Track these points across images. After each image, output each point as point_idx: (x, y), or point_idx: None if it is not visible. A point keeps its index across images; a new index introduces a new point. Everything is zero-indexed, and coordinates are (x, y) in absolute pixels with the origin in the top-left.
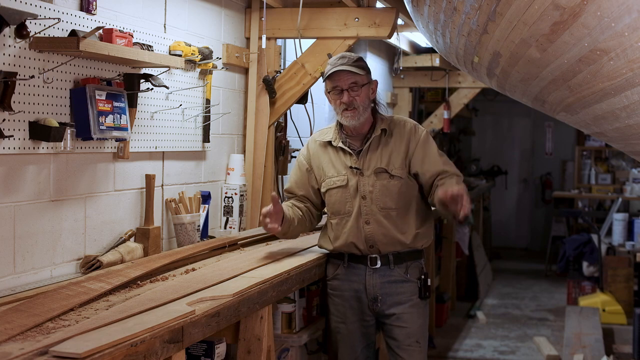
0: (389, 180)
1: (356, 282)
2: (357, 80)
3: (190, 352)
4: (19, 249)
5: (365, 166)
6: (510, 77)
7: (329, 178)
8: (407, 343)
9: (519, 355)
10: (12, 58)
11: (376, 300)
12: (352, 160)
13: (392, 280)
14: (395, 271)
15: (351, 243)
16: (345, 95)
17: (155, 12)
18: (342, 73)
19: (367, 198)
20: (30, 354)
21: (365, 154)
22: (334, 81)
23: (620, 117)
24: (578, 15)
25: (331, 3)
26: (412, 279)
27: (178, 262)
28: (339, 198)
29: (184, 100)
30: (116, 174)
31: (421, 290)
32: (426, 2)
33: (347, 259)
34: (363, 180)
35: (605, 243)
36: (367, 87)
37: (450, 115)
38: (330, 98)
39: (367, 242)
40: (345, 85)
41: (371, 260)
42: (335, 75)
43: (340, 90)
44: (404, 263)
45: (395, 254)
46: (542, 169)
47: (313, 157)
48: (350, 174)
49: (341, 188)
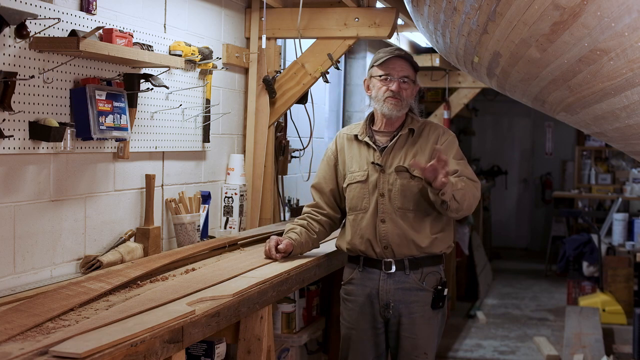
0: (409, 181)
1: (370, 287)
2: (410, 75)
3: (190, 352)
4: (19, 249)
5: (387, 163)
6: (510, 77)
7: (351, 173)
8: (414, 354)
9: (519, 355)
10: (12, 58)
11: (388, 306)
12: (376, 156)
13: (406, 288)
14: (411, 277)
15: (367, 241)
16: (395, 84)
17: (155, 12)
18: (398, 62)
19: (385, 196)
20: (30, 354)
21: (389, 152)
22: (387, 68)
23: (620, 117)
24: (578, 15)
25: (331, 3)
26: (427, 288)
27: (178, 262)
28: (357, 193)
29: (184, 100)
30: (116, 174)
31: (435, 300)
32: (426, 2)
33: (363, 263)
34: (383, 178)
35: (605, 243)
36: (413, 86)
37: (450, 115)
38: (372, 84)
39: (381, 242)
40: (398, 75)
41: (386, 265)
42: (391, 63)
43: (390, 78)
44: (420, 269)
45: (410, 258)
46: (542, 169)
47: (340, 152)
48: (371, 169)
49: (360, 183)
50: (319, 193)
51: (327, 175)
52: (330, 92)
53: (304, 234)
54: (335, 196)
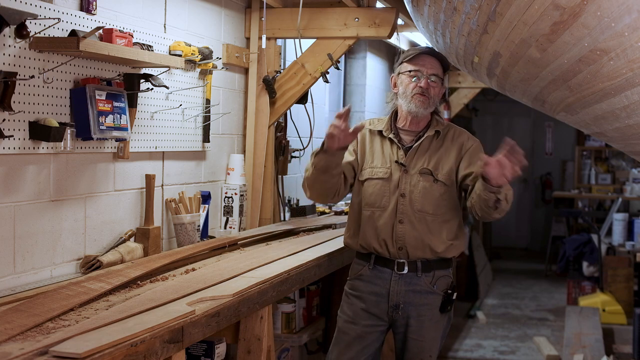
0: (432, 184)
1: (379, 286)
2: (439, 73)
3: (190, 352)
4: (19, 249)
5: (411, 164)
6: (510, 77)
7: (372, 168)
8: (420, 357)
9: (519, 355)
10: (12, 58)
11: (397, 307)
12: (400, 155)
13: (417, 290)
14: (422, 280)
15: (383, 241)
16: (424, 81)
17: (155, 12)
18: (429, 59)
19: (406, 197)
20: (30, 354)
21: (414, 152)
22: (418, 64)
23: (620, 117)
24: (578, 15)
25: (331, 3)
26: (438, 292)
27: (178, 262)
28: (378, 190)
29: (184, 100)
30: (116, 174)
31: (444, 304)
32: (426, 2)
33: (374, 261)
34: (406, 178)
35: (605, 243)
36: (441, 86)
37: (450, 115)
38: (400, 80)
39: (397, 243)
40: (427, 72)
41: (398, 266)
42: (421, 60)
43: (420, 75)
44: (432, 272)
45: (423, 261)
46: (542, 169)
47: (360, 143)
48: (394, 168)
49: (382, 180)
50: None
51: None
52: (330, 92)
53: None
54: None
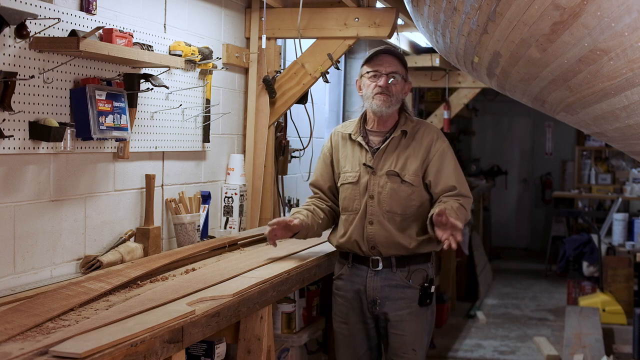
0: (399, 185)
1: (357, 284)
2: (398, 70)
3: (190, 352)
4: (19, 249)
5: (379, 166)
6: (510, 77)
7: (344, 173)
8: (402, 351)
9: (519, 355)
10: (12, 58)
11: (375, 303)
12: (368, 157)
13: (393, 285)
14: (397, 275)
15: (354, 242)
16: (383, 79)
17: (155, 12)
18: (386, 57)
19: (375, 198)
20: (30, 354)
21: (381, 154)
22: (375, 65)
23: (620, 117)
24: (578, 15)
25: (331, 3)
26: (414, 285)
27: (178, 262)
28: (349, 194)
29: (184, 100)
30: (116, 174)
31: (422, 297)
32: (426, 2)
33: (352, 259)
34: (374, 180)
35: (605, 243)
36: (403, 83)
37: (450, 115)
38: (363, 83)
39: (369, 243)
40: (386, 70)
41: (373, 262)
42: (379, 59)
43: (379, 75)
44: (407, 267)
45: (398, 257)
46: (542, 169)
47: (334, 149)
48: (363, 171)
49: (352, 184)
50: (318, 189)
51: (324, 172)
52: (330, 92)
53: (310, 217)
54: (334, 192)
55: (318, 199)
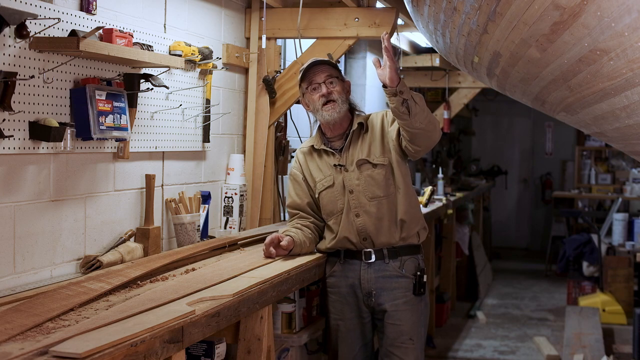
0: (372, 170)
1: (351, 278)
2: (332, 73)
3: (190, 352)
4: (19, 249)
5: (348, 161)
6: (510, 77)
7: (319, 182)
8: (400, 341)
9: (519, 355)
10: (12, 58)
11: (370, 295)
12: (336, 158)
13: (386, 275)
14: (390, 265)
15: (344, 238)
16: (323, 87)
17: (155, 12)
18: (316, 68)
19: (355, 191)
20: (30, 354)
21: (347, 150)
22: (310, 78)
23: (620, 117)
24: (578, 15)
25: (331, 3)
26: (407, 275)
27: (178, 262)
28: (330, 198)
29: (184, 100)
30: (116, 174)
31: (416, 286)
32: (426, 2)
33: (343, 256)
34: (348, 176)
35: (605, 243)
36: (341, 82)
37: (450, 115)
38: (308, 100)
39: (360, 235)
40: (321, 78)
41: (365, 255)
42: (310, 73)
43: (317, 86)
44: (399, 257)
45: (389, 248)
46: (542, 169)
47: (304, 167)
48: (335, 172)
49: (329, 188)
50: (297, 209)
51: (299, 191)
52: None
53: (300, 234)
54: (313, 207)
55: (299, 217)
